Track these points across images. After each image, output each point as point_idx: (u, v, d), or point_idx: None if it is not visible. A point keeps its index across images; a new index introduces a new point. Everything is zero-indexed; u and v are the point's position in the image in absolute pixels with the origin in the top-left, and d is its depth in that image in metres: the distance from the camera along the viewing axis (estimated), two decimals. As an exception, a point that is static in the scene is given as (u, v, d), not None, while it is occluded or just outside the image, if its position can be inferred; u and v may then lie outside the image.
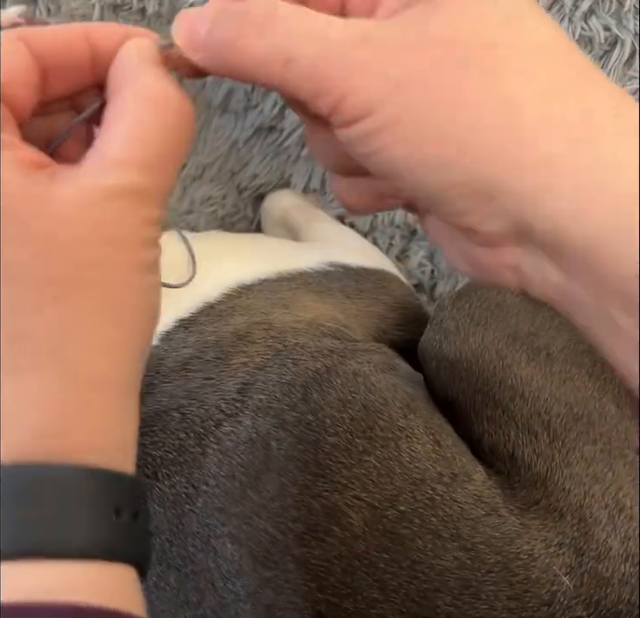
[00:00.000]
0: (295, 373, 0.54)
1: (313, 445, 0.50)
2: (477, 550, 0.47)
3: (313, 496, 0.48)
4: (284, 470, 0.49)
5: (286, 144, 0.82)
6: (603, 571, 0.48)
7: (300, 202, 0.83)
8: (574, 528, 0.49)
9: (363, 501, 0.48)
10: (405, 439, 0.51)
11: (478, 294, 0.60)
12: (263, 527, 0.48)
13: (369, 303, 0.65)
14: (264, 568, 0.47)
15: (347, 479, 0.49)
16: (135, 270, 0.27)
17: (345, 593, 0.46)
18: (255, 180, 0.85)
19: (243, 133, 0.83)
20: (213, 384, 0.53)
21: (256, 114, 0.82)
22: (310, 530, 0.47)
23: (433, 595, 0.46)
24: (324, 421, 0.51)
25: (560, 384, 0.55)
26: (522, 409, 0.53)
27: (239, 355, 0.54)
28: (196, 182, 0.85)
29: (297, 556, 0.46)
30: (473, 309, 0.59)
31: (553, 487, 0.50)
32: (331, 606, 0.46)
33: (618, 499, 0.50)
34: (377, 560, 0.46)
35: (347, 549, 0.46)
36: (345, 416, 0.51)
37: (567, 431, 0.52)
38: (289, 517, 0.48)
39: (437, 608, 0.45)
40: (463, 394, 0.55)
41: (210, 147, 0.84)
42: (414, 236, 0.85)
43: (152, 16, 0.78)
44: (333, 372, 0.54)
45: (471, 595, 0.46)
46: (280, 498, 0.48)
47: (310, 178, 0.84)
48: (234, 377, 0.53)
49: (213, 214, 0.86)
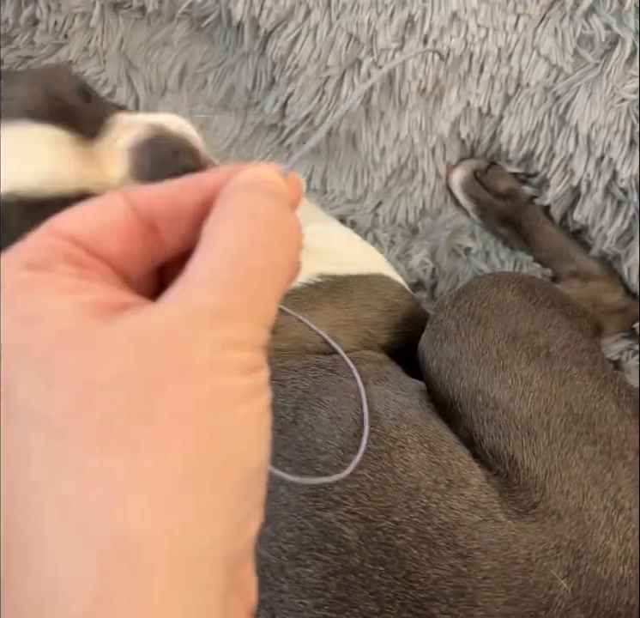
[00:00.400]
0: (284, 395, 0.54)
1: (305, 465, 0.50)
2: (473, 557, 0.47)
3: (306, 516, 0.48)
4: (275, 494, 0.49)
5: (286, 143, 0.82)
6: (601, 573, 0.48)
7: None
8: (572, 530, 0.49)
9: (357, 515, 0.48)
10: (398, 450, 0.51)
11: (478, 293, 0.60)
12: (257, 551, 0.47)
13: (358, 311, 0.65)
14: (259, 591, 0.46)
15: (339, 495, 0.48)
16: (212, 400, 0.22)
17: (341, 608, 0.46)
18: (255, 179, 0.85)
19: (243, 131, 0.84)
20: None
21: (257, 112, 0.82)
22: (304, 549, 0.47)
23: (429, 604, 0.46)
24: (315, 440, 0.51)
25: (560, 383, 0.55)
26: (522, 410, 0.53)
27: None
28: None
29: (291, 576, 0.46)
30: (473, 308, 0.60)
31: (552, 490, 0.50)
32: None
33: (617, 500, 0.50)
34: (373, 573, 0.46)
35: (342, 564, 0.46)
36: (336, 433, 0.51)
37: (567, 431, 0.52)
38: (282, 539, 0.48)
39: (433, 617, 0.45)
40: (464, 394, 0.55)
41: (210, 145, 0.84)
42: (416, 235, 0.85)
43: (152, 14, 0.78)
44: (322, 389, 0.55)
45: (467, 602, 0.46)
46: (273, 521, 0.48)
47: (311, 178, 0.84)
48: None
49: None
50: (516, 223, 0.81)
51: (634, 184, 0.73)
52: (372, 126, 0.80)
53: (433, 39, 0.73)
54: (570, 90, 0.73)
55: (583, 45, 0.73)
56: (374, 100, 0.78)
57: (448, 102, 0.78)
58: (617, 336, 0.77)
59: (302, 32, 0.74)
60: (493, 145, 0.80)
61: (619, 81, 0.72)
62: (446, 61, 0.75)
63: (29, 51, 0.76)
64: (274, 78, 0.78)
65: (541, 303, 0.61)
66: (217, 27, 0.79)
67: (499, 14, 0.73)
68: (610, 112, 0.72)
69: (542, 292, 0.62)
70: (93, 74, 0.78)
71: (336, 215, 0.84)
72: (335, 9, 0.73)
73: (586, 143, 0.74)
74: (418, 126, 0.79)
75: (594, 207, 0.76)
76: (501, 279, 0.62)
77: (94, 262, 0.26)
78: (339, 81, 0.77)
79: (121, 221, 0.26)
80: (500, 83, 0.76)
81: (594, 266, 0.78)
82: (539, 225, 0.80)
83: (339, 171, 0.83)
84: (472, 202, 0.82)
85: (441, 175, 0.83)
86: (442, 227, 0.84)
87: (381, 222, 0.85)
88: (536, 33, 0.73)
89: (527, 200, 0.80)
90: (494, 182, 0.81)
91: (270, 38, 0.76)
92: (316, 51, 0.75)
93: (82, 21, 0.76)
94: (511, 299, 0.60)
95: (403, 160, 0.81)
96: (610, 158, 0.73)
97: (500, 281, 0.62)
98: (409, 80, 0.75)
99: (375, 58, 0.74)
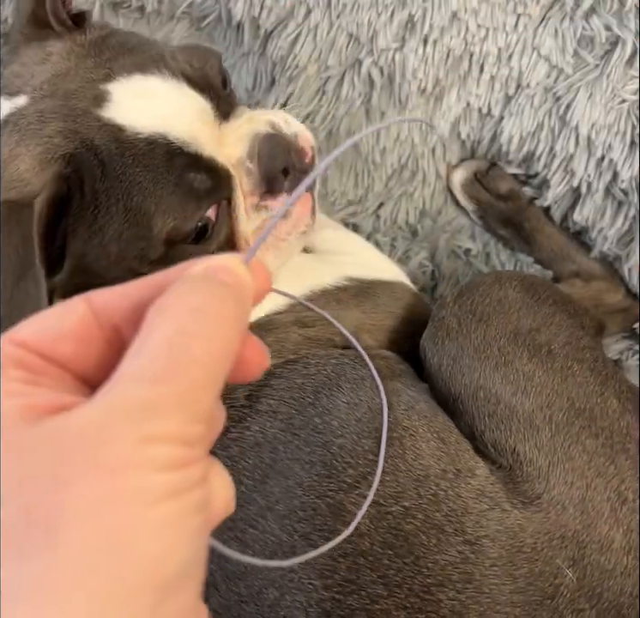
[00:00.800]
0: (305, 377, 0.55)
1: (320, 446, 0.51)
2: (480, 544, 0.48)
3: (319, 496, 0.49)
4: (290, 473, 0.50)
5: (286, 143, 0.82)
6: (606, 563, 0.48)
7: None
8: (576, 520, 0.49)
9: None
10: (409, 438, 0.52)
11: (480, 291, 0.61)
12: (270, 529, 0.48)
13: (384, 317, 0.66)
14: (269, 569, 0.47)
15: (352, 478, 0.49)
16: (121, 500, 0.21)
17: (349, 590, 0.46)
18: (255, 179, 0.85)
19: (243, 132, 0.84)
20: (221, 395, 0.53)
21: (257, 113, 0.82)
22: (316, 529, 0.48)
23: (437, 589, 0.46)
24: (332, 423, 0.52)
25: (562, 379, 0.55)
26: (524, 404, 0.54)
27: None
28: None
29: None
30: (475, 305, 0.60)
31: (555, 481, 0.51)
32: (336, 603, 0.46)
33: (621, 491, 0.51)
34: (382, 557, 0.47)
35: (352, 547, 0.47)
36: (351, 418, 0.52)
37: (569, 425, 0.53)
38: (295, 518, 0.48)
39: (440, 603, 0.46)
40: (466, 390, 0.56)
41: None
42: (416, 237, 0.85)
43: (151, 14, 0.79)
44: (342, 376, 0.55)
45: (474, 588, 0.46)
46: (286, 500, 0.49)
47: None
48: (243, 385, 0.54)
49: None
50: (517, 224, 0.81)
51: (634, 185, 0.74)
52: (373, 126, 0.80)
53: (433, 39, 0.74)
54: (571, 91, 0.74)
55: (584, 45, 0.73)
56: (374, 100, 0.78)
57: (448, 102, 0.78)
58: (617, 336, 0.77)
59: (302, 32, 0.75)
60: (494, 146, 0.80)
61: (620, 82, 0.72)
62: (433, 130, 0.77)
63: (29, 50, 0.75)
64: (275, 78, 0.79)
65: (543, 301, 0.61)
66: (217, 26, 0.79)
67: (499, 14, 0.73)
68: (610, 112, 0.73)
69: (544, 290, 0.62)
70: (93, 72, 0.78)
71: (338, 218, 0.84)
72: (335, 9, 0.74)
73: (586, 144, 0.74)
74: (418, 126, 0.80)
75: (594, 208, 0.77)
76: (503, 276, 0.62)
77: (47, 366, 0.26)
78: (339, 81, 0.77)
79: (78, 325, 0.27)
80: (500, 84, 0.76)
81: (596, 266, 0.78)
82: (540, 226, 0.80)
83: (339, 171, 0.84)
84: (472, 203, 0.83)
85: (441, 175, 0.83)
86: (441, 229, 0.85)
87: (382, 225, 0.85)
88: (536, 34, 0.74)
89: (527, 201, 0.81)
90: (495, 183, 0.81)
91: (270, 38, 0.76)
92: (317, 51, 0.76)
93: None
94: (513, 297, 0.60)
95: (403, 161, 0.82)
96: (610, 159, 0.74)
97: (502, 278, 0.62)
98: (409, 80, 0.76)
99: (375, 58, 0.75)
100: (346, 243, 0.78)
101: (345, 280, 0.66)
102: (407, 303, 0.68)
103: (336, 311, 0.62)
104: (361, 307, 0.65)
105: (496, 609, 0.46)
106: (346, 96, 0.77)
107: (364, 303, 0.65)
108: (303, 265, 0.67)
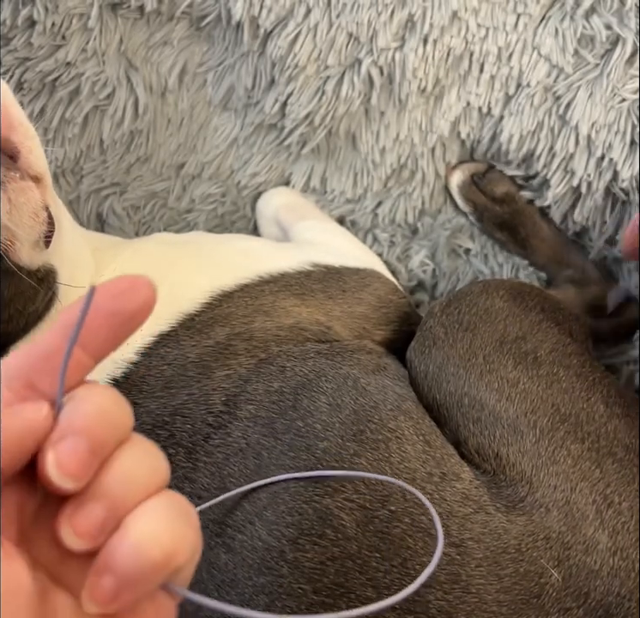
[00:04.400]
0: (283, 380, 0.57)
1: (304, 451, 0.53)
2: (466, 546, 0.50)
3: (305, 501, 0.50)
4: (277, 476, 0.52)
5: (286, 142, 0.85)
6: (592, 563, 0.50)
7: (292, 201, 0.85)
8: (560, 522, 0.51)
9: (354, 503, 0.50)
10: (395, 441, 0.54)
11: (467, 301, 0.63)
12: (257, 535, 0.50)
13: (352, 303, 0.68)
14: (258, 575, 0.49)
15: (338, 482, 0.51)
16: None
17: (339, 593, 0.48)
18: (254, 179, 0.88)
19: (243, 131, 0.86)
20: (197, 400, 0.56)
21: (257, 112, 0.84)
22: (304, 534, 0.49)
23: (425, 590, 0.48)
24: (314, 426, 0.54)
25: (547, 385, 0.57)
26: (509, 410, 0.56)
27: (222, 368, 0.57)
28: (196, 180, 0.88)
29: (291, 561, 0.49)
30: (462, 315, 0.62)
31: (539, 484, 0.53)
32: (326, 607, 0.48)
33: (606, 494, 0.53)
34: (370, 560, 0.49)
35: (340, 550, 0.49)
36: (335, 420, 0.54)
37: (554, 430, 0.55)
38: (282, 523, 0.50)
39: (428, 603, 0.48)
40: (451, 397, 0.58)
41: (210, 145, 0.87)
42: (416, 235, 0.88)
43: (151, 14, 0.81)
44: (322, 376, 0.57)
45: (461, 589, 0.48)
46: (273, 505, 0.51)
47: (310, 177, 0.87)
48: (218, 390, 0.56)
49: (212, 212, 0.88)
50: (513, 228, 0.83)
51: (635, 185, 0.76)
52: (372, 126, 0.83)
53: (433, 38, 0.76)
54: (571, 90, 0.76)
55: (584, 44, 0.76)
56: (374, 100, 0.80)
57: (448, 102, 0.80)
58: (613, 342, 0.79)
59: (302, 31, 0.77)
60: (493, 145, 0.83)
61: (620, 82, 0.74)
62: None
63: (27, 53, 0.77)
64: (274, 78, 0.81)
65: (530, 309, 0.64)
66: (216, 26, 0.81)
67: (500, 13, 0.76)
68: (610, 112, 0.75)
69: (532, 298, 0.65)
70: (93, 75, 0.80)
71: (336, 215, 0.87)
72: (334, 9, 0.76)
73: (586, 143, 0.77)
74: (418, 126, 0.82)
75: (594, 207, 0.79)
76: (490, 286, 0.65)
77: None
78: (339, 81, 0.79)
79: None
80: (500, 83, 0.79)
81: (591, 271, 0.81)
82: (535, 230, 0.83)
83: (339, 171, 0.86)
84: (469, 206, 0.85)
85: (441, 175, 0.86)
86: (442, 227, 0.87)
87: (380, 222, 0.88)
88: (537, 33, 0.76)
89: (524, 205, 0.83)
90: (491, 186, 0.83)
91: (270, 37, 0.78)
92: (316, 50, 0.78)
93: (80, 22, 0.78)
94: (500, 306, 0.63)
95: (403, 160, 0.84)
96: (610, 158, 0.76)
97: (490, 288, 0.64)
98: (409, 79, 0.78)
99: (375, 58, 0.77)
100: (323, 232, 0.80)
101: (309, 265, 0.68)
102: (376, 289, 0.70)
103: (299, 295, 0.64)
104: (327, 293, 0.67)
105: (483, 608, 0.48)
106: (345, 96, 0.80)
107: (329, 288, 0.67)
108: (247, 251, 0.69)
